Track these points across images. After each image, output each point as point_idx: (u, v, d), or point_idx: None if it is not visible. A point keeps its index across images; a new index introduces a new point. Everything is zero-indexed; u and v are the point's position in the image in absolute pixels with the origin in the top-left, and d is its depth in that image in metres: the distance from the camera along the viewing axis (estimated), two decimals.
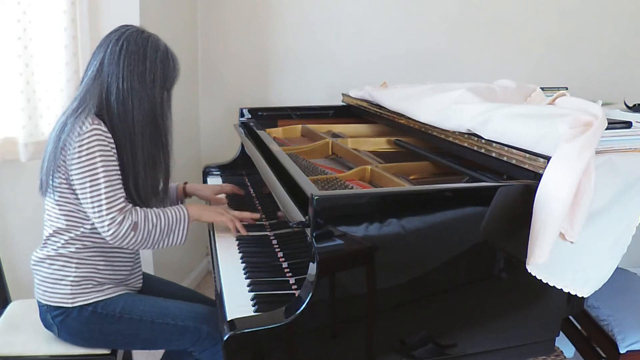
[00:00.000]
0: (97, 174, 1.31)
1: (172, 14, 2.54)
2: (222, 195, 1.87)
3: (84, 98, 1.38)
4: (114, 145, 1.36)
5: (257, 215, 1.56)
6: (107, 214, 1.32)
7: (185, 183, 1.81)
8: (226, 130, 2.74)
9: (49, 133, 1.43)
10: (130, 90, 1.38)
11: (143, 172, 1.42)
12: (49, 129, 1.94)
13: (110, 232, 1.32)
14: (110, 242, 1.34)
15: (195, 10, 2.86)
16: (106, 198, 1.31)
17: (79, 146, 1.31)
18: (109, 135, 1.35)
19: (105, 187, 1.32)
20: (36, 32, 1.94)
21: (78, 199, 1.36)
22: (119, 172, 1.36)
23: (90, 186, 1.31)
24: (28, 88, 1.94)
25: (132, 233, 1.34)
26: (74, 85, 2.00)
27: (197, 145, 2.97)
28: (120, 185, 1.36)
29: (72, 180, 1.34)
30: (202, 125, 2.99)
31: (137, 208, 1.38)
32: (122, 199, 1.35)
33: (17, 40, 1.89)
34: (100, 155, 1.32)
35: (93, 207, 1.32)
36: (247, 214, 1.55)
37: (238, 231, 1.51)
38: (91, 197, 1.32)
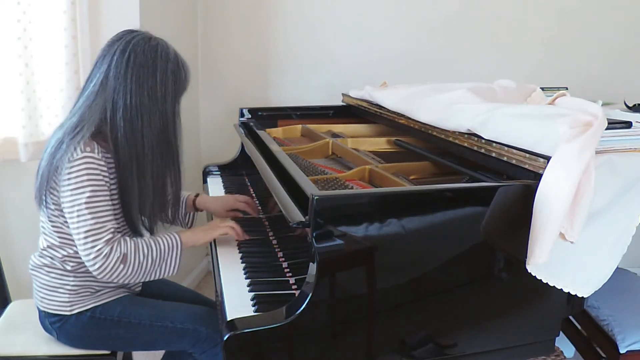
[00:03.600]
0: (81, 204, 1.24)
1: (172, 14, 2.53)
2: (234, 213, 1.71)
3: (84, 114, 1.30)
4: (106, 172, 1.29)
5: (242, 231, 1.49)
6: (92, 247, 1.24)
7: (197, 195, 1.71)
8: (226, 130, 2.74)
9: (49, 133, 1.40)
10: (140, 106, 1.28)
11: (152, 194, 1.35)
12: (49, 129, 1.95)
13: (97, 265, 1.25)
14: (98, 277, 1.27)
15: (195, 10, 2.86)
16: (92, 230, 1.25)
17: (68, 173, 1.25)
18: (102, 162, 1.28)
19: (91, 219, 1.25)
20: (36, 32, 1.94)
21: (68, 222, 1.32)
22: (109, 202, 1.29)
23: (77, 215, 1.25)
24: (28, 88, 1.94)
25: (122, 266, 1.26)
26: (74, 86, 2.00)
27: (197, 145, 2.97)
28: (110, 215, 1.28)
29: (63, 207, 1.29)
30: (202, 125, 2.99)
31: (127, 238, 1.30)
32: (110, 231, 1.27)
33: (17, 40, 1.89)
34: (89, 185, 1.25)
35: (79, 239, 1.26)
36: (236, 232, 1.47)
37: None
38: (77, 229, 1.26)
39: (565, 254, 1.15)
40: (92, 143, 1.27)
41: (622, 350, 1.51)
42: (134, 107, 1.29)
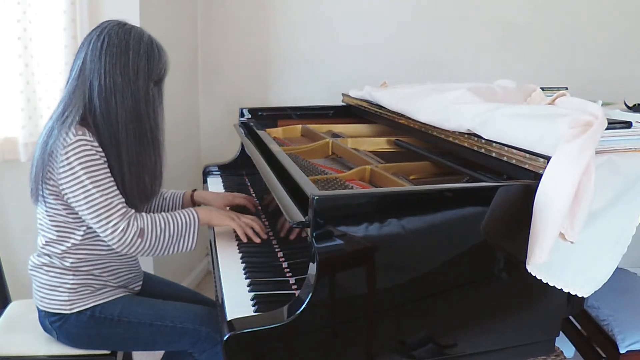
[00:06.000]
0: (86, 185, 1.27)
1: (172, 13, 2.54)
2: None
3: (68, 101, 1.34)
4: (102, 153, 1.32)
5: (264, 236, 1.48)
6: (107, 222, 1.28)
7: (194, 190, 1.73)
8: (226, 130, 2.75)
9: (39, 136, 1.40)
10: (113, 85, 1.32)
11: (128, 172, 1.36)
12: None
13: (115, 240, 1.29)
14: (117, 250, 1.31)
15: (196, 9, 2.86)
16: (103, 207, 1.28)
17: (66, 159, 1.27)
18: (95, 143, 1.31)
19: (100, 196, 1.28)
20: (36, 32, 1.95)
21: (67, 209, 1.34)
22: (111, 179, 1.32)
23: (85, 198, 1.28)
24: (28, 88, 1.94)
25: (139, 240, 1.30)
26: None
27: (197, 145, 2.97)
28: (116, 192, 1.32)
29: (65, 194, 1.31)
30: (202, 125, 2.99)
31: (143, 214, 1.34)
32: (121, 205, 1.31)
33: (17, 40, 1.89)
34: (88, 166, 1.28)
35: (92, 219, 1.29)
36: (257, 225, 1.47)
37: (249, 238, 1.46)
38: (88, 209, 1.28)
39: (566, 254, 1.15)
40: (82, 128, 1.30)
41: (622, 350, 1.51)
42: (108, 86, 1.32)
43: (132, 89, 1.35)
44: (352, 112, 2.35)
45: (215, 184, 2.10)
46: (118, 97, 1.33)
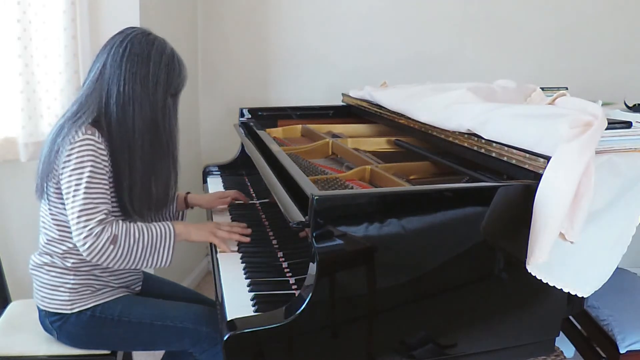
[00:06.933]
0: (80, 183, 1.26)
1: (172, 14, 2.54)
2: (226, 199, 1.78)
3: (84, 102, 1.35)
4: (106, 157, 1.32)
5: (248, 231, 1.48)
6: (84, 226, 1.24)
7: (188, 193, 1.74)
8: (226, 131, 2.74)
9: (48, 133, 1.41)
10: (132, 93, 1.33)
11: (140, 181, 1.36)
12: (49, 129, 1.94)
13: (87, 245, 1.24)
14: (88, 258, 1.26)
15: (195, 10, 2.86)
16: (85, 208, 1.25)
17: (68, 155, 1.28)
18: (102, 146, 1.30)
19: (85, 197, 1.25)
20: (36, 32, 1.94)
21: None
22: (107, 184, 1.31)
23: (73, 195, 1.27)
24: (28, 88, 1.94)
25: (112, 247, 1.25)
26: (74, 86, 2.00)
27: (197, 145, 2.97)
28: (105, 198, 1.29)
29: (61, 188, 1.31)
30: (202, 126, 2.99)
31: (119, 221, 1.29)
32: (104, 212, 1.27)
33: (17, 40, 1.89)
34: (88, 166, 1.27)
35: (72, 219, 1.26)
36: (236, 234, 1.46)
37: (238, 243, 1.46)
38: (72, 205, 1.26)
39: (565, 254, 1.15)
40: (93, 129, 1.31)
41: (622, 350, 1.51)
42: (127, 94, 1.33)
43: (150, 100, 1.36)
44: (352, 112, 2.35)
45: (215, 184, 2.10)
46: (136, 107, 1.34)
